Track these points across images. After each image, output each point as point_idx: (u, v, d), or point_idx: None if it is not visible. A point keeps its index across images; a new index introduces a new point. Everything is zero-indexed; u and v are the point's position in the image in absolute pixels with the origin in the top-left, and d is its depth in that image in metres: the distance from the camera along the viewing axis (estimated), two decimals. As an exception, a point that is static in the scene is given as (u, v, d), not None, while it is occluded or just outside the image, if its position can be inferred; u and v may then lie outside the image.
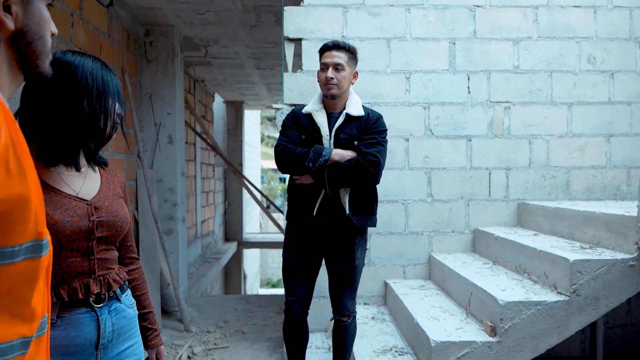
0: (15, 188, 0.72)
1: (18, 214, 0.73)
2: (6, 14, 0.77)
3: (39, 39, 0.84)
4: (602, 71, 3.53)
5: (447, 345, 2.26)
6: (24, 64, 0.83)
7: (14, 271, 0.75)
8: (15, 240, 0.75)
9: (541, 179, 3.52)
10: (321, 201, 2.17)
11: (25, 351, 0.79)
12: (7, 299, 0.75)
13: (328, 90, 2.18)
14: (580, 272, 2.28)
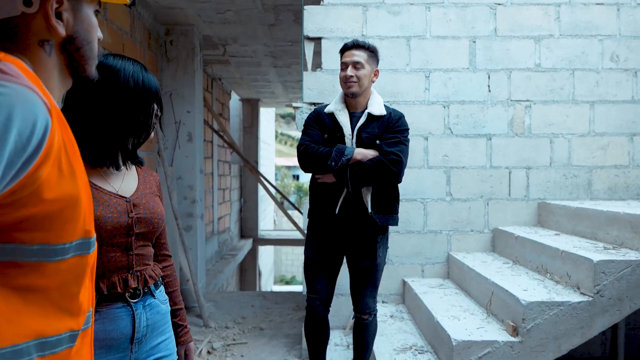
0: (67, 188, 0.75)
1: (69, 212, 0.76)
2: (58, 21, 0.80)
3: (88, 45, 0.87)
4: (625, 69, 3.49)
5: (468, 345, 2.26)
6: (72, 68, 0.87)
7: (64, 267, 0.78)
8: (66, 237, 0.78)
9: (562, 179, 3.49)
10: (343, 200, 2.19)
11: (72, 344, 0.82)
12: (57, 293, 0.78)
13: (348, 88, 2.20)
14: (605, 272, 2.27)
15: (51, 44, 0.81)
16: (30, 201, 0.69)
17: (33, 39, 0.79)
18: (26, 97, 0.67)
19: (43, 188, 0.70)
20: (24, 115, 0.65)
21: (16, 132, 0.63)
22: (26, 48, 0.78)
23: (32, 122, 0.66)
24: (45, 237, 0.73)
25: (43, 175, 0.70)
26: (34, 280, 0.74)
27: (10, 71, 0.70)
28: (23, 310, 0.73)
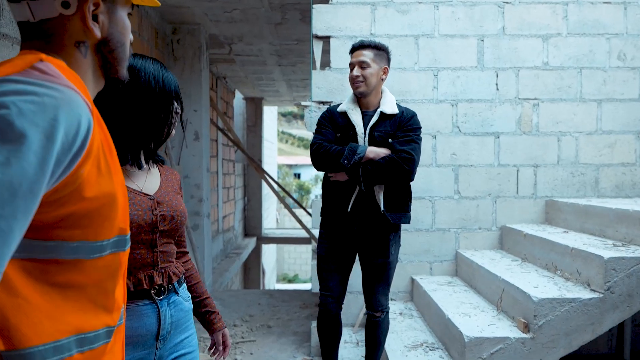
0: (105, 186, 0.76)
1: (107, 210, 0.78)
2: (94, 23, 0.81)
3: (121, 46, 0.88)
4: (632, 68, 3.50)
5: (480, 341, 2.28)
6: (105, 69, 0.88)
7: (101, 264, 0.80)
8: (104, 235, 0.80)
9: (569, 176, 3.51)
10: (355, 198, 2.21)
11: (108, 340, 0.84)
12: (94, 290, 0.80)
13: (356, 88, 2.23)
14: (615, 269, 2.29)
15: (86, 46, 0.82)
16: (71, 199, 0.71)
17: (69, 40, 0.80)
18: (70, 97, 0.69)
19: (84, 186, 0.72)
20: (69, 115, 0.66)
21: (63, 133, 0.65)
22: (62, 49, 0.80)
23: (77, 122, 0.68)
24: (85, 235, 0.75)
25: (84, 173, 0.71)
26: (73, 277, 0.76)
27: (51, 72, 0.71)
28: (63, 306, 0.74)
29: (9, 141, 0.59)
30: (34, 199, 0.62)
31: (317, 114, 3.45)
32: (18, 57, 0.75)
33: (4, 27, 2.16)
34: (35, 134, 0.61)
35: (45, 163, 0.62)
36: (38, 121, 0.62)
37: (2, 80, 0.65)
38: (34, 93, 0.64)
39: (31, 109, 0.62)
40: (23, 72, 0.69)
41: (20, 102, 0.62)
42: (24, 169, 0.60)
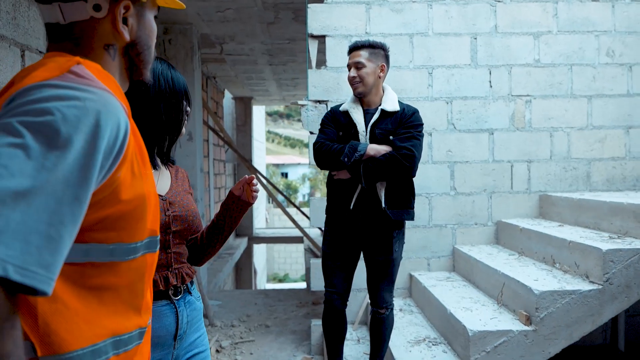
0: (139, 188, 0.77)
1: (140, 212, 0.78)
2: (124, 26, 0.81)
3: (148, 49, 0.88)
4: (620, 64, 3.58)
5: (484, 335, 2.32)
6: (131, 72, 0.88)
7: (134, 266, 0.81)
8: (138, 236, 0.80)
9: (562, 171, 3.58)
10: (358, 195, 2.23)
11: (140, 341, 0.85)
12: (126, 292, 0.80)
13: (355, 89, 2.27)
14: (613, 261, 2.34)
15: (115, 48, 0.82)
16: (109, 202, 0.71)
17: (98, 43, 0.80)
18: (109, 101, 0.69)
19: (120, 189, 0.72)
20: (109, 119, 0.66)
21: (105, 138, 0.65)
22: (91, 51, 0.79)
23: (117, 126, 0.68)
24: (120, 237, 0.75)
25: (121, 176, 0.72)
26: (108, 280, 0.76)
27: (86, 75, 0.71)
28: (98, 309, 0.74)
29: (55, 148, 0.59)
30: (80, 205, 0.61)
31: (313, 112, 3.46)
32: (50, 60, 0.74)
33: (2, 28, 2.13)
34: (79, 141, 0.61)
35: (90, 169, 0.63)
36: (82, 127, 0.62)
37: (43, 85, 0.65)
38: (76, 98, 0.64)
39: (75, 114, 0.62)
40: (61, 76, 0.68)
41: (63, 108, 0.62)
42: (69, 177, 0.60)
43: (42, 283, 0.54)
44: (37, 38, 2.40)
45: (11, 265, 0.52)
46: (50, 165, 0.58)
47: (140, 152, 0.80)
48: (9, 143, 0.57)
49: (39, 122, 0.59)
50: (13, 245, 0.52)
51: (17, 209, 0.54)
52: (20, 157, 0.56)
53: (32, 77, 0.67)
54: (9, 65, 2.19)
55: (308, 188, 30.21)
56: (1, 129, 0.58)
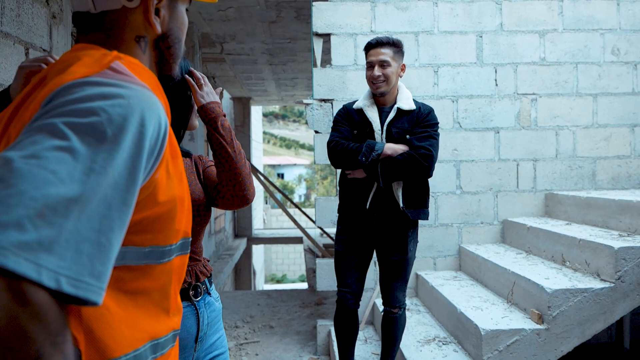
0: (174, 189, 0.74)
1: (174, 213, 0.75)
2: (156, 17, 0.78)
3: (178, 43, 0.84)
4: (625, 62, 3.58)
5: (496, 334, 2.31)
6: (160, 66, 0.84)
7: (168, 268, 0.78)
8: (172, 238, 0.77)
9: (568, 170, 3.57)
10: (374, 194, 2.20)
11: (174, 344, 0.82)
12: (159, 295, 0.77)
13: (377, 89, 2.20)
14: (625, 259, 2.33)
15: (146, 41, 0.79)
16: (147, 204, 0.68)
17: (130, 35, 0.76)
18: (150, 98, 0.65)
19: (158, 190, 0.69)
20: (152, 118, 0.63)
21: (149, 137, 0.62)
22: (122, 43, 0.76)
23: (158, 124, 0.65)
24: (156, 239, 0.73)
25: (158, 177, 0.69)
26: (142, 283, 0.73)
27: (124, 71, 0.68)
28: (135, 313, 0.72)
29: (103, 150, 0.56)
30: (128, 210, 0.59)
31: (318, 111, 3.44)
32: (84, 53, 0.71)
33: (6, 25, 2.09)
34: (126, 142, 0.58)
35: (136, 171, 0.60)
36: (129, 127, 0.59)
37: (84, 83, 0.61)
38: (120, 96, 0.61)
39: (120, 114, 0.59)
40: (101, 72, 0.65)
41: (108, 107, 0.58)
42: (118, 180, 0.57)
43: (95, 294, 0.52)
44: (40, 36, 2.36)
45: (64, 277, 0.49)
46: (99, 168, 0.55)
47: (173, 150, 0.77)
48: (55, 146, 0.53)
49: (84, 124, 0.56)
50: (65, 255, 0.50)
51: (70, 216, 0.51)
52: (68, 162, 0.53)
53: (70, 73, 0.63)
54: (14, 64, 2.16)
55: (304, 189, 30.18)
56: (45, 130, 0.55)
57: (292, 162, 32.03)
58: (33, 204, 0.49)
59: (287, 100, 9.36)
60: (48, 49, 2.43)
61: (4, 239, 0.47)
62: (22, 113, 0.66)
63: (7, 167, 0.51)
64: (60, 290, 0.49)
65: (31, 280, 0.47)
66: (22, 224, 0.48)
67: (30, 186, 0.49)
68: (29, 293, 0.47)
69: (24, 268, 0.47)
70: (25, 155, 0.52)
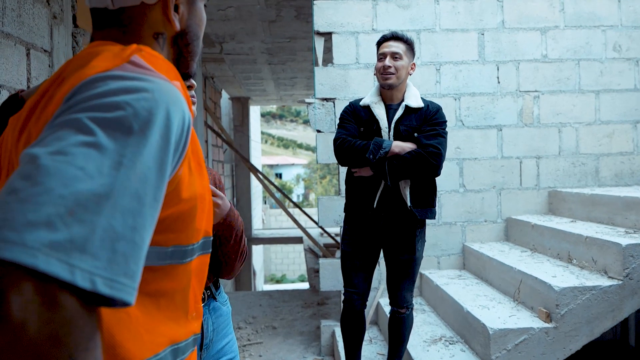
0: (196, 186, 0.72)
1: (195, 212, 0.73)
2: (175, 14, 0.76)
3: (197, 40, 0.83)
4: (627, 59, 3.57)
5: (504, 333, 2.29)
6: (178, 63, 0.82)
7: (190, 269, 0.76)
8: (195, 237, 0.75)
9: (571, 167, 3.56)
10: (381, 193, 2.18)
11: (194, 348, 0.80)
12: (181, 296, 0.75)
13: (385, 79, 2.18)
14: (633, 256, 2.32)
15: (164, 38, 0.77)
16: (171, 201, 0.66)
17: (148, 31, 0.75)
18: (173, 92, 0.63)
19: (181, 187, 0.67)
20: (177, 111, 0.61)
21: (174, 131, 0.60)
22: (139, 40, 0.74)
23: (183, 118, 0.63)
24: (178, 238, 0.71)
25: (181, 173, 0.67)
26: (165, 284, 0.71)
27: (144, 64, 0.66)
28: (157, 316, 0.70)
29: (130, 145, 0.53)
30: (157, 205, 0.56)
31: (320, 110, 3.42)
32: (103, 49, 0.69)
33: (7, 26, 2.06)
34: (153, 135, 0.56)
35: (164, 166, 0.57)
36: (155, 120, 0.57)
37: (106, 77, 0.59)
38: (144, 89, 0.58)
39: (146, 108, 0.57)
40: (122, 66, 0.63)
41: (133, 101, 0.56)
42: (147, 175, 0.54)
43: (129, 294, 0.49)
44: (41, 36, 2.34)
45: (99, 278, 0.46)
46: (128, 163, 0.52)
47: (194, 146, 0.75)
48: (81, 142, 0.51)
49: (110, 118, 0.54)
50: (100, 254, 0.47)
51: (103, 213, 0.48)
52: (96, 157, 0.50)
53: (91, 67, 0.62)
54: (15, 64, 2.13)
55: (302, 188, 30.16)
56: (70, 125, 0.52)
57: (290, 162, 32.01)
58: (63, 202, 0.46)
59: (286, 99, 9.34)
60: (49, 49, 2.40)
61: (34, 239, 0.44)
62: (42, 109, 0.64)
63: (34, 165, 0.48)
64: (95, 291, 0.46)
65: (63, 282, 0.45)
66: (53, 223, 0.45)
67: (59, 183, 0.47)
68: (60, 295, 0.44)
69: (56, 268, 0.44)
70: (51, 151, 0.49)
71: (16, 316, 0.42)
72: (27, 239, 0.44)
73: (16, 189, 0.47)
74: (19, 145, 0.66)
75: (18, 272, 0.43)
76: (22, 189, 0.47)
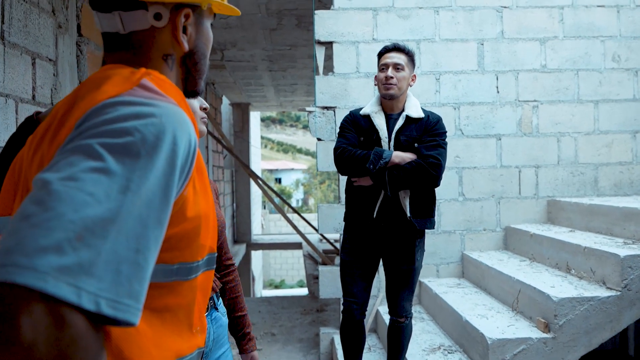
0: (201, 205, 0.74)
1: (202, 230, 0.75)
2: (184, 35, 0.78)
3: (204, 59, 0.85)
4: (626, 69, 3.60)
5: (503, 343, 2.30)
6: (186, 82, 0.84)
7: (194, 285, 0.78)
8: (199, 255, 0.77)
9: (570, 176, 3.58)
10: (381, 203, 2.20)
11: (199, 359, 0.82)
12: (185, 312, 0.77)
13: (387, 90, 2.20)
14: (631, 267, 2.34)
15: (173, 58, 0.80)
16: (176, 220, 0.68)
17: (157, 53, 0.77)
18: (181, 116, 0.66)
19: (186, 206, 0.69)
20: (183, 135, 0.63)
21: (180, 155, 0.62)
22: (149, 61, 0.77)
23: (189, 142, 0.65)
24: (183, 256, 0.73)
25: (186, 194, 0.69)
26: (170, 300, 0.73)
27: (153, 88, 0.68)
28: (162, 331, 0.71)
29: (137, 170, 0.56)
30: (162, 228, 0.58)
31: (321, 119, 3.44)
32: (113, 72, 0.71)
33: (13, 36, 2.08)
34: (160, 160, 0.58)
35: (169, 190, 0.60)
36: (161, 146, 0.59)
37: (116, 103, 0.61)
38: (152, 115, 0.61)
39: (153, 133, 0.59)
40: (131, 90, 0.65)
41: (141, 127, 0.59)
42: (152, 199, 0.57)
43: (133, 315, 0.51)
44: (47, 46, 2.36)
45: (103, 299, 0.49)
46: (135, 188, 0.55)
47: (199, 165, 0.77)
48: (91, 168, 0.53)
49: (119, 144, 0.56)
50: (104, 277, 0.49)
51: (108, 237, 0.51)
52: (105, 183, 0.53)
53: (102, 92, 0.64)
54: (20, 73, 2.15)
55: (302, 193, 30.16)
56: (81, 151, 0.55)
57: (289, 166, 32.02)
58: (72, 227, 0.49)
59: (286, 105, 9.37)
60: (54, 58, 2.42)
61: (44, 264, 0.47)
62: (54, 133, 0.66)
63: (46, 190, 0.51)
64: (99, 312, 0.49)
65: (71, 304, 0.47)
66: (62, 247, 0.48)
67: (69, 209, 0.50)
68: (68, 317, 0.47)
69: (64, 292, 0.47)
70: (62, 177, 0.52)
71: (26, 337, 0.45)
72: (38, 263, 0.47)
73: (29, 214, 0.50)
74: (32, 166, 0.68)
75: (28, 295, 0.46)
76: (34, 214, 0.49)
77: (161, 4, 0.75)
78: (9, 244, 0.48)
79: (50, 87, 2.40)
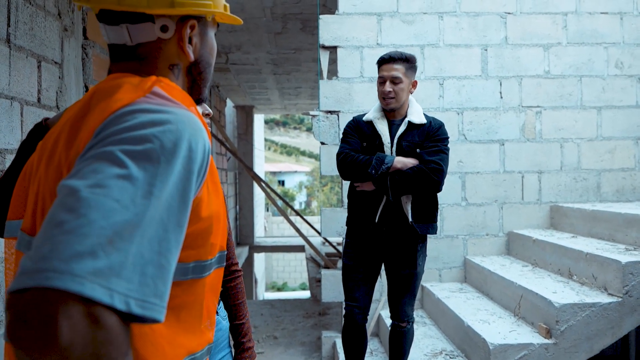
0: (214, 205, 0.77)
1: (214, 228, 0.78)
2: (189, 46, 0.81)
3: (209, 67, 0.88)
4: (629, 75, 3.61)
5: (505, 348, 2.31)
6: (191, 90, 0.87)
7: (207, 282, 0.80)
8: (212, 253, 0.80)
9: (572, 182, 3.58)
10: (383, 208, 2.21)
11: (208, 355, 0.84)
12: (198, 308, 0.80)
13: (387, 105, 2.22)
14: (632, 273, 2.34)
15: (179, 68, 0.82)
16: (192, 220, 0.70)
17: (163, 63, 0.80)
18: (194, 122, 0.68)
19: (201, 207, 0.72)
20: (199, 140, 0.66)
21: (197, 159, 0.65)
22: (155, 71, 0.79)
23: (203, 146, 0.68)
24: (198, 254, 0.75)
25: (201, 195, 0.71)
26: (185, 298, 0.76)
27: (165, 95, 0.71)
28: (176, 328, 0.74)
29: (158, 175, 0.59)
30: (182, 230, 0.61)
31: (325, 123, 3.46)
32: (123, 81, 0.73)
33: (19, 39, 2.11)
34: (178, 166, 0.61)
35: (187, 193, 0.62)
36: (179, 152, 0.62)
37: (134, 111, 0.64)
38: (169, 122, 0.63)
39: (171, 140, 0.62)
40: (145, 97, 0.68)
41: (159, 134, 0.61)
42: (172, 203, 0.60)
43: (159, 313, 0.55)
44: (52, 49, 2.39)
45: (133, 300, 0.52)
46: (157, 193, 0.58)
47: (211, 166, 0.80)
48: (116, 175, 0.56)
49: (140, 151, 0.59)
50: (133, 278, 0.52)
51: (134, 241, 0.54)
52: (129, 189, 0.56)
53: (116, 100, 0.66)
54: (26, 76, 2.18)
55: (305, 196, 30.19)
56: (104, 158, 0.58)
57: (292, 169, 32.07)
58: (104, 232, 0.52)
59: (290, 109, 9.39)
60: (59, 61, 2.45)
61: (81, 268, 0.49)
62: (70, 139, 0.69)
63: (75, 197, 0.54)
64: (129, 312, 0.52)
65: (104, 305, 0.50)
66: (95, 252, 0.51)
67: (99, 215, 0.53)
68: (102, 317, 0.49)
69: (99, 293, 0.49)
70: (90, 184, 0.55)
71: (65, 338, 0.47)
72: (75, 268, 0.49)
73: (61, 221, 0.52)
74: (48, 171, 0.71)
75: (66, 298, 0.48)
76: (67, 221, 0.52)
77: (168, 16, 0.77)
78: (43, 250, 0.50)
79: (55, 90, 2.43)
